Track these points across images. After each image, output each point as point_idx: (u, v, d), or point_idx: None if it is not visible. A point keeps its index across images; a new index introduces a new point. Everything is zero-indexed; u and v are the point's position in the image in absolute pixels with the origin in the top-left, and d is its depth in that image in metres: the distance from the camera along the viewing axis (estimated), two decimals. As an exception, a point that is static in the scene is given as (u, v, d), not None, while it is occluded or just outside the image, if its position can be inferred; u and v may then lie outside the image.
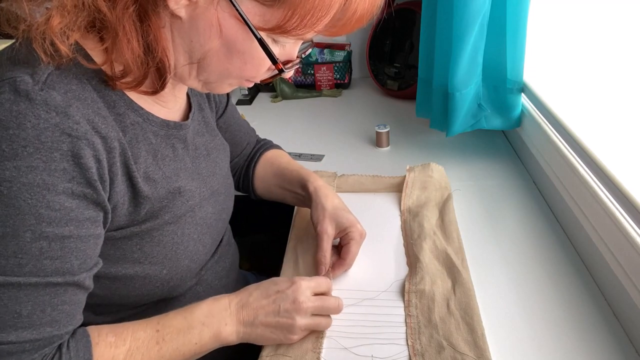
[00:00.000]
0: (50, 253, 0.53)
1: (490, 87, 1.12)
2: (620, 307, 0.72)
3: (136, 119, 0.63)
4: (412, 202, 0.98)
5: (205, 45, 0.58)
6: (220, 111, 0.90)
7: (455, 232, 0.88)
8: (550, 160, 0.96)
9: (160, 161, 0.66)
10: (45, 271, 0.53)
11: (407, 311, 0.74)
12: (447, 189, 1.01)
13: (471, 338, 0.68)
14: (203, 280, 0.77)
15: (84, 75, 0.57)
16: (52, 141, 0.51)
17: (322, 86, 1.67)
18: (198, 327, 0.64)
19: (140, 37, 0.57)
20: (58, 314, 0.54)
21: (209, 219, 0.74)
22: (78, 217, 0.54)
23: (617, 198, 0.72)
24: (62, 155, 0.52)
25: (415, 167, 1.07)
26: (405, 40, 1.49)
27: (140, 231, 0.64)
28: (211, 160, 0.77)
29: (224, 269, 0.82)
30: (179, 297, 0.74)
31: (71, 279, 0.55)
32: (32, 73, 0.53)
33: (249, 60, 0.60)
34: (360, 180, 1.07)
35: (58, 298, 0.54)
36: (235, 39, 0.58)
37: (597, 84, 0.94)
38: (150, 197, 0.63)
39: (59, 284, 0.54)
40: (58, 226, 0.53)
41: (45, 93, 0.51)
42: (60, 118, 0.51)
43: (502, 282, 0.81)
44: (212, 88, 0.66)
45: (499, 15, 1.03)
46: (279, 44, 0.61)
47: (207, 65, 0.61)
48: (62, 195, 0.52)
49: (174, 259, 0.68)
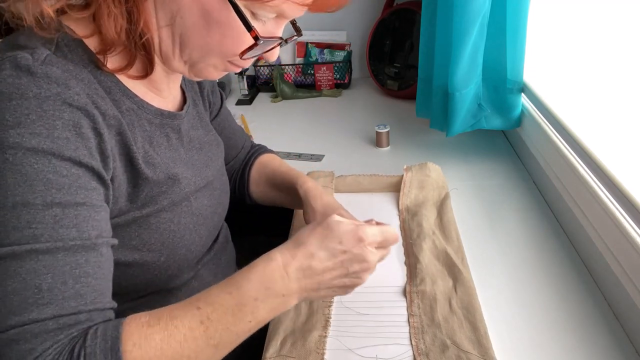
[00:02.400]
0: (65, 221, 0.51)
1: (490, 87, 1.12)
2: (620, 307, 0.72)
3: (131, 106, 0.64)
4: (410, 202, 0.98)
5: (184, 17, 0.59)
6: (215, 112, 0.90)
7: (454, 232, 0.88)
8: (550, 160, 0.96)
9: (157, 147, 0.67)
10: (62, 239, 0.51)
11: (409, 311, 0.74)
12: (444, 188, 1.01)
13: (474, 336, 0.68)
14: (199, 275, 0.77)
15: (80, 61, 0.58)
16: (54, 109, 0.52)
17: (322, 86, 1.67)
18: (250, 304, 0.56)
19: (124, 8, 0.58)
20: (82, 287, 0.51)
21: (205, 210, 0.74)
22: (86, 185, 0.54)
23: (617, 198, 0.72)
24: (64, 124, 0.52)
25: (413, 167, 1.07)
26: (405, 40, 1.49)
27: (139, 217, 0.63)
28: (204, 154, 0.77)
29: (220, 266, 0.82)
30: (176, 291, 0.74)
31: (90, 243, 0.53)
32: (32, 52, 0.54)
33: (227, 33, 0.60)
34: (358, 180, 1.07)
35: (80, 269, 0.51)
36: (211, 8, 0.58)
37: (597, 83, 0.94)
38: (150, 180, 0.63)
39: (77, 251, 0.51)
40: (69, 193, 0.52)
41: (46, 67, 0.53)
42: (62, 88, 0.53)
43: (502, 282, 0.81)
44: (198, 71, 0.66)
45: (499, 15, 1.03)
46: (260, 20, 0.62)
47: (188, 40, 0.61)
48: (68, 162, 0.52)
49: (171, 246, 0.67)
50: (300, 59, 1.72)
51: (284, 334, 0.72)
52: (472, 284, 0.77)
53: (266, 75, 1.71)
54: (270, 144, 1.33)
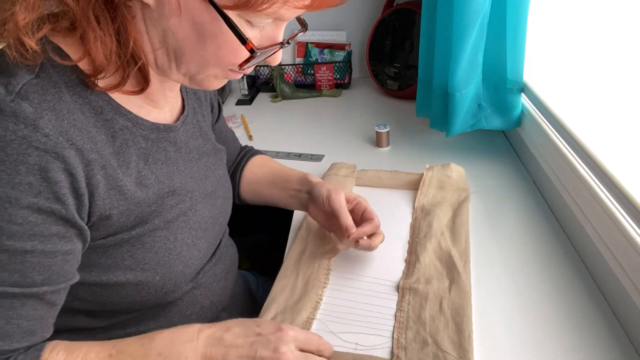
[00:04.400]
0: (9, 266, 0.51)
1: (490, 87, 1.12)
2: (620, 307, 0.72)
3: (125, 124, 0.61)
4: (427, 201, 0.98)
5: (176, 32, 0.56)
6: (216, 116, 0.89)
7: (464, 234, 0.88)
8: (550, 160, 0.96)
9: (152, 165, 0.65)
10: (2, 282, 0.51)
11: (399, 306, 0.75)
12: (465, 191, 1.01)
13: (457, 338, 0.69)
14: (200, 284, 0.75)
15: (65, 82, 0.55)
16: (18, 154, 0.49)
17: (322, 86, 1.67)
18: (153, 357, 0.57)
19: (112, 30, 0.55)
20: (12, 327, 0.52)
21: (205, 222, 0.73)
22: (43, 232, 0.52)
23: (617, 198, 0.72)
24: (27, 168, 0.50)
25: (435, 166, 1.07)
26: (405, 40, 1.49)
27: (130, 237, 0.62)
28: (203, 164, 0.75)
29: (223, 271, 0.81)
30: (176, 302, 0.73)
31: (29, 291, 0.52)
32: (7, 83, 0.51)
33: (223, 45, 0.57)
34: (379, 175, 1.08)
35: (14, 311, 0.52)
36: (202, 20, 0.55)
37: (597, 83, 0.94)
38: (141, 203, 0.62)
39: (15, 296, 0.52)
40: (20, 240, 0.51)
41: (16, 105, 0.50)
42: (29, 130, 0.50)
43: (501, 281, 0.81)
44: (199, 82, 0.63)
45: (499, 15, 1.03)
46: (256, 26, 0.58)
47: (183, 55, 0.58)
48: (26, 209, 0.51)
49: (167, 265, 0.66)
50: (300, 59, 1.72)
51: (276, 312, 0.75)
52: (469, 288, 0.77)
53: (266, 75, 1.71)
54: (270, 144, 1.33)
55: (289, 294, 0.79)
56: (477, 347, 0.69)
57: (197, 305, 0.75)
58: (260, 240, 1.31)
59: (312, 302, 0.77)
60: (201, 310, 0.76)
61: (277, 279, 0.83)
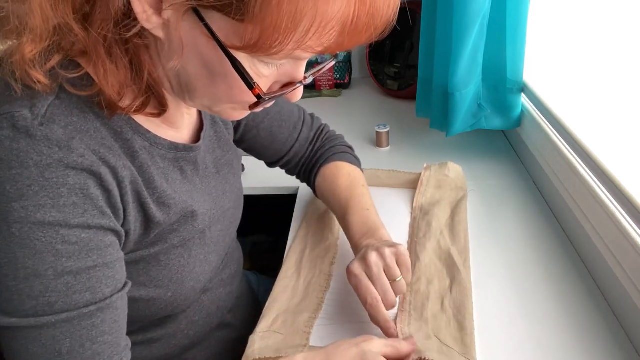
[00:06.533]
0: (78, 286, 0.51)
1: (490, 87, 1.12)
2: (620, 307, 0.72)
3: (143, 144, 0.60)
4: (426, 200, 0.98)
5: (186, 67, 0.54)
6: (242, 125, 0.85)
7: (463, 232, 0.88)
8: (550, 160, 0.96)
9: (172, 183, 0.64)
10: (77, 305, 0.51)
11: (400, 307, 0.75)
12: (462, 189, 1.01)
13: (459, 335, 0.69)
14: (208, 289, 0.75)
15: (85, 103, 0.54)
16: (57, 176, 0.49)
17: (322, 86, 1.67)
18: None
19: (126, 61, 0.53)
20: (99, 346, 0.53)
21: (216, 237, 0.72)
22: (99, 245, 0.53)
23: (617, 198, 0.73)
24: (69, 190, 0.50)
25: (432, 166, 1.07)
26: (405, 40, 1.48)
27: (148, 255, 0.62)
28: (221, 178, 0.74)
29: (230, 276, 0.80)
30: (184, 310, 0.72)
31: (104, 304, 0.53)
32: (31, 106, 0.50)
33: (235, 85, 0.53)
34: (377, 174, 1.08)
35: (96, 329, 0.53)
36: (211, 59, 0.52)
37: (597, 83, 0.94)
38: (161, 223, 0.61)
39: (92, 314, 0.52)
40: (79, 259, 0.51)
41: (46, 128, 0.49)
42: (64, 153, 0.50)
43: (501, 281, 0.81)
44: (218, 113, 0.60)
45: (499, 15, 1.03)
46: (271, 64, 0.53)
47: (195, 90, 0.56)
48: (77, 229, 0.51)
49: (179, 282, 0.66)
50: (300, 59, 1.72)
51: (277, 312, 0.76)
52: (469, 284, 0.77)
53: (266, 75, 1.71)
54: (270, 143, 1.32)
55: (291, 294, 0.79)
56: (477, 346, 0.69)
57: (204, 312, 0.75)
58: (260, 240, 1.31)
59: (313, 304, 0.77)
60: (208, 315, 0.76)
61: (278, 278, 0.83)
